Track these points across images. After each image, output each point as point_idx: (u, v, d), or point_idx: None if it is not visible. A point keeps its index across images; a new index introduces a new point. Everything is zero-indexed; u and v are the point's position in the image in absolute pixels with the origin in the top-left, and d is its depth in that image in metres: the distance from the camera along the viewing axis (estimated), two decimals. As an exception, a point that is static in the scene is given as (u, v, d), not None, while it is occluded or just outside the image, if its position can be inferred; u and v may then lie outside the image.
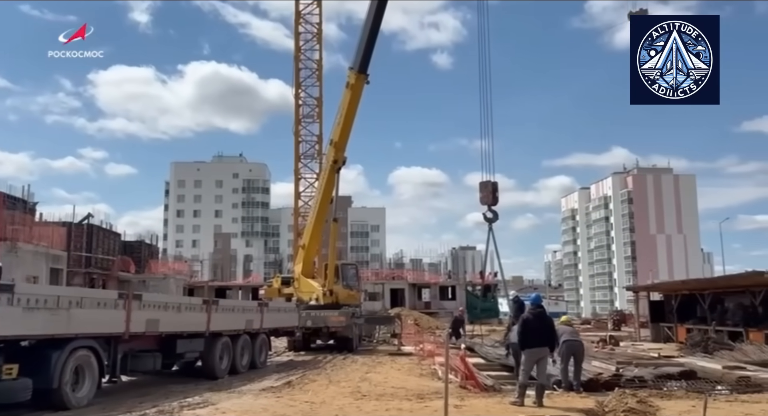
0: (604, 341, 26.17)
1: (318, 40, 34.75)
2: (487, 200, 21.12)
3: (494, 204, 21.22)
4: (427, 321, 39.71)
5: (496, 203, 21.24)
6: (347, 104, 23.19)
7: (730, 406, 10.29)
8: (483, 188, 21.27)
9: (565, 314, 23.07)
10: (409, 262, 71.89)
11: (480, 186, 21.35)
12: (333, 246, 25.37)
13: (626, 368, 14.22)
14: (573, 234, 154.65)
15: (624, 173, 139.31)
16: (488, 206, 21.18)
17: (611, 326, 42.63)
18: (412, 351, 22.10)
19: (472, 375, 12.66)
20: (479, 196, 21.31)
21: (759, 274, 23.08)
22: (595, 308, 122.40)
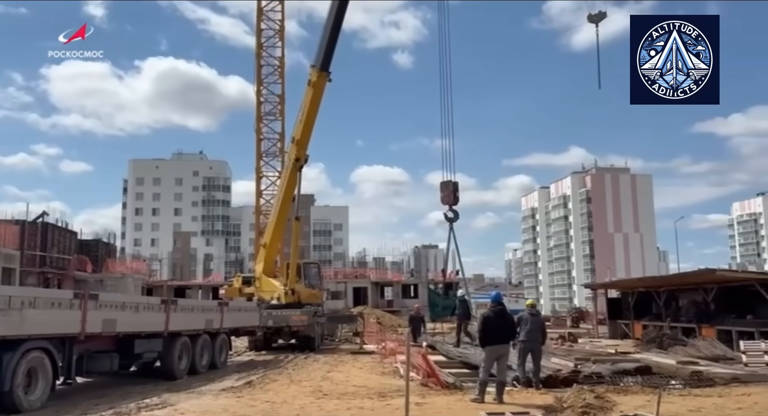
0: (563, 338, 26.59)
1: (280, 37, 34.45)
2: (448, 200, 21.26)
3: (455, 204, 21.37)
4: (389, 319, 39.78)
5: (457, 203, 21.40)
6: (309, 101, 23.07)
7: (683, 400, 10.55)
8: (444, 188, 21.40)
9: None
10: (372, 260, 71.95)
11: (441, 186, 21.47)
12: (295, 245, 25.22)
13: (584, 364, 14.45)
14: (533, 233, 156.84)
15: (583, 173, 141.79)
16: (449, 206, 21.31)
17: (570, 323, 43.36)
18: (375, 349, 22.10)
19: (433, 373, 12.72)
20: (440, 196, 21.45)
21: (711, 271, 23.77)
22: (554, 306, 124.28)
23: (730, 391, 11.64)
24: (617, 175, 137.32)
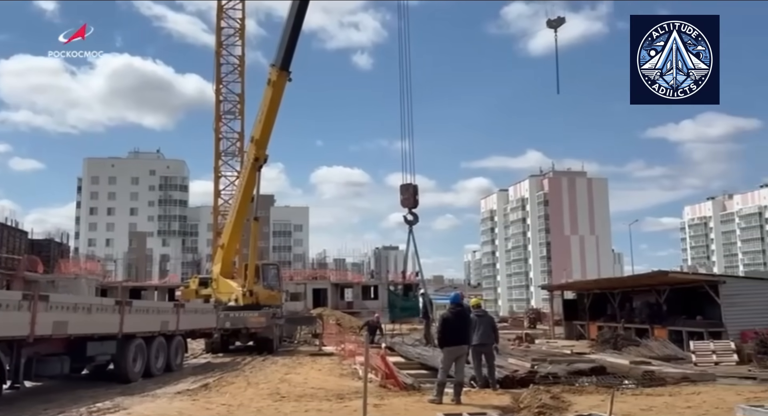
0: (520, 338, 26.93)
1: (240, 36, 34.15)
2: (409, 203, 21.20)
3: (415, 207, 21.35)
4: (349, 320, 39.67)
5: (417, 206, 21.37)
6: (269, 101, 22.89)
7: (636, 400, 10.76)
8: (404, 191, 21.32)
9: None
10: (332, 262, 71.77)
11: (401, 189, 21.41)
12: (253, 246, 24.95)
13: (541, 365, 14.64)
14: (492, 235, 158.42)
15: (540, 176, 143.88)
16: (409, 209, 21.27)
17: (527, 324, 43.94)
18: (334, 351, 22.03)
19: (392, 374, 12.72)
20: (400, 198, 21.38)
21: (663, 273, 24.37)
22: (512, 307, 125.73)
23: (680, 390, 11.93)
24: (574, 178, 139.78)
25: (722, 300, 20.64)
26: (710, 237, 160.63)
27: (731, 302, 20.64)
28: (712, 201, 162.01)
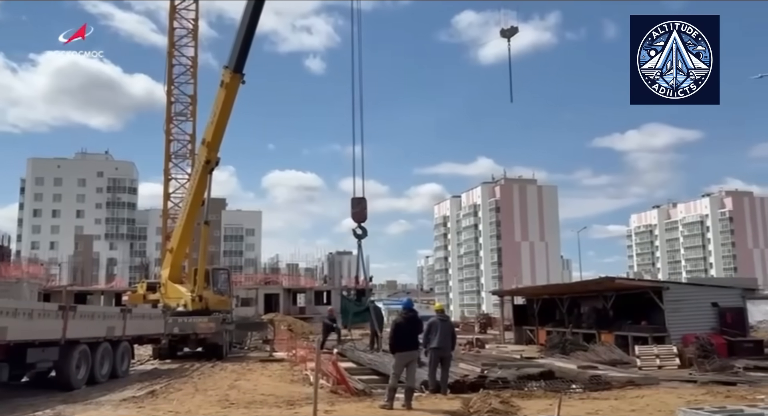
0: (471, 343, 27.16)
1: (193, 37, 33.60)
2: (360, 218, 21.09)
3: (364, 221, 21.29)
4: (301, 326, 39.37)
5: (366, 220, 21.31)
6: (221, 103, 22.60)
7: (583, 403, 10.98)
8: (356, 205, 21.14)
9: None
10: (284, 267, 71.18)
11: (352, 202, 21.21)
12: (204, 250, 24.54)
13: (491, 369, 14.78)
14: (444, 240, 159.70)
15: (492, 183, 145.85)
16: (359, 223, 21.17)
17: (478, 329, 44.33)
18: (285, 357, 21.82)
19: (343, 380, 12.68)
20: (351, 212, 21.21)
21: (610, 280, 24.97)
22: (463, 312, 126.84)
23: (625, 394, 12.22)
24: (525, 186, 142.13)
25: (666, 306, 21.25)
26: (655, 244, 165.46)
27: (674, 307, 21.27)
28: (657, 210, 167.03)
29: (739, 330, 21.48)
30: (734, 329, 21.30)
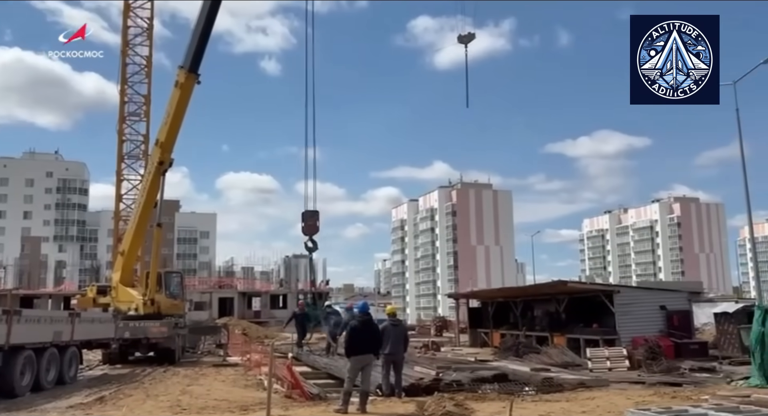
0: (427, 346, 27.28)
1: (148, 36, 33.08)
2: (312, 231, 20.95)
3: (316, 233, 21.17)
4: (256, 330, 38.98)
5: (318, 232, 21.18)
6: (176, 103, 22.23)
7: (535, 406, 11.12)
8: (309, 218, 20.95)
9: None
10: (239, 270, 70.33)
11: (304, 216, 21.02)
12: (156, 253, 24.07)
13: (446, 372, 14.87)
14: (402, 244, 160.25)
15: (449, 188, 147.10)
16: (310, 236, 21.02)
17: (434, 332, 44.56)
18: (239, 361, 21.54)
19: (298, 384, 12.58)
20: (302, 226, 21.03)
21: (562, 283, 25.40)
22: (419, 315, 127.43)
23: (576, 396, 12.43)
24: (480, 190, 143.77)
25: (616, 309, 21.74)
26: (606, 249, 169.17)
27: (624, 310, 21.78)
28: (608, 215, 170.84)
29: (685, 332, 22.11)
30: (681, 331, 21.92)
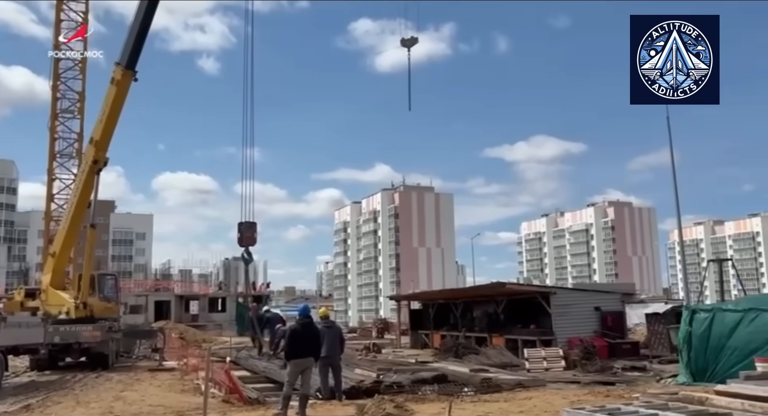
0: (368, 349, 27.27)
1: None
2: (249, 242, 20.57)
3: (253, 245, 20.81)
4: (193, 334, 38.13)
5: (255, 244, 20.83)
6: (111, 100, 21.59)
7: (474, 406, 11.24)
8: (246, 230, 20.51)
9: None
10: (177, 272, 68.93)
11: (240, 226, 20.60)
12: (89, 255, 23.27)
13: (386, 374, 14.88)
14: (344, 246, 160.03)
15: (392, 190, 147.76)
16: (246, 248, 20.65)
17: (375, 334, 44.61)
18: (175, 366, 21.04)
19: (236, 389, 12.37)
20: (238, 237, 20.61)
21: (501, 285, 25.83)
22: (361, 317, 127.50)
23: (514, 396, 12.63)
24: (423, 193, 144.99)
25: (553, 310, 22.24)
26: (544, 251, 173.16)
27: (560, 311, 22.31)
28: (545, 218, 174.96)
29: (618, 333, 22.82)
30: (614, 331, 22.62)
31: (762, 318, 13.55)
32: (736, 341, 13.80)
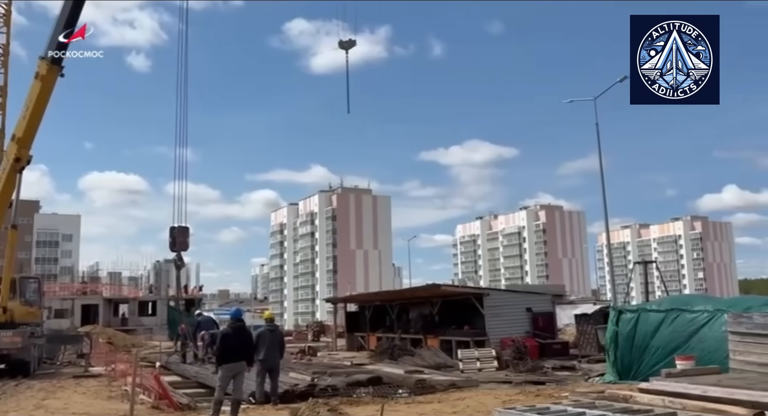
0: (303, 352, 27.07)
1: (6, 23, 30.50)
2: (182, 247, 20.08)
3: (186, 250, 20.35)
4: (122, 338, 37.01)
5: (187, 249, 20.36)
6: (36, 96, 20.66)
7: (408, 408, 11.30)
8: (179, 234, 20.00)
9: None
10: (105, 275, 66.74)
11: (172, 231, 20.09)
12: (10, 257, 22.20)
13: (321, 377, 14.81)
14: (281, 248, 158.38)
15: (329, 192, 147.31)
16: (178, 254, 20.18)
17: (311, 337, 44.31)
18: (102, 372, 20.33)
19: (165, 394, 12.05)
20: (170, 241, 20.06)
21: (436, 286, 26.10)
22: (297, 320, 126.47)
23: (448, 396, 12.77)
24: (360, 195, 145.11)
25: (486, 311, 22.61)
26: (478, 253, 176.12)
27: (493, 312, 22.70)
28: (480, 221, 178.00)
29: (549, 333, 23.39)
30: (545, 332, 23.16)
31: (683, 317, 14.13)
32: (659, 340, 14.34)
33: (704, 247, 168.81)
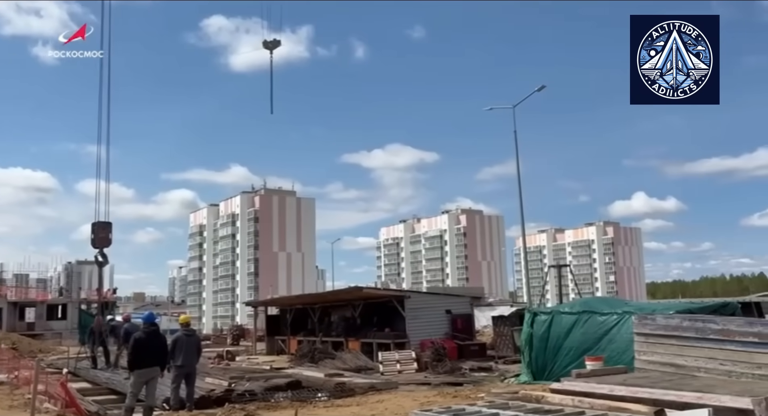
0: (221, 356, 26.53)
1: None
2: (104, 244, 19.38)
3: (108, 246, 19.67)
4: (28, 344, 35.19)
5: (110, 245, 19.68)
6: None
7: (327, 411, 11.27)
8: (101, 231, 19.30)
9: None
10: (11, 277, 63.21)
11: (94, 227, 19.39)
12: None
13: (238, 382, 14.54)
14: (200, 250, 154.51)
15: (252, 193, 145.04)
16: (101, 250, 19.47)
17: (230, 341, 43.49)
18: (5, 379, 19.24)
19: (73, 402, 11.52)
20: (92, 238, 19.35)
21: (358, 289, 26.19)
22: (216, 324, 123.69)
23: (367, 399, 12.80)
24: (284, 197, 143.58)
25: (407, 313, 22.83)
26: (401, 256, 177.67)
27: (414, 315, 22.96)
28: (403, 224, 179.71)
29: (467, 335, 23.84)
30: (464, 334, 23.60)
31: (593, 320, 14.70)
32: (571, 341, 14.86)
33: (615, 251, 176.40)
